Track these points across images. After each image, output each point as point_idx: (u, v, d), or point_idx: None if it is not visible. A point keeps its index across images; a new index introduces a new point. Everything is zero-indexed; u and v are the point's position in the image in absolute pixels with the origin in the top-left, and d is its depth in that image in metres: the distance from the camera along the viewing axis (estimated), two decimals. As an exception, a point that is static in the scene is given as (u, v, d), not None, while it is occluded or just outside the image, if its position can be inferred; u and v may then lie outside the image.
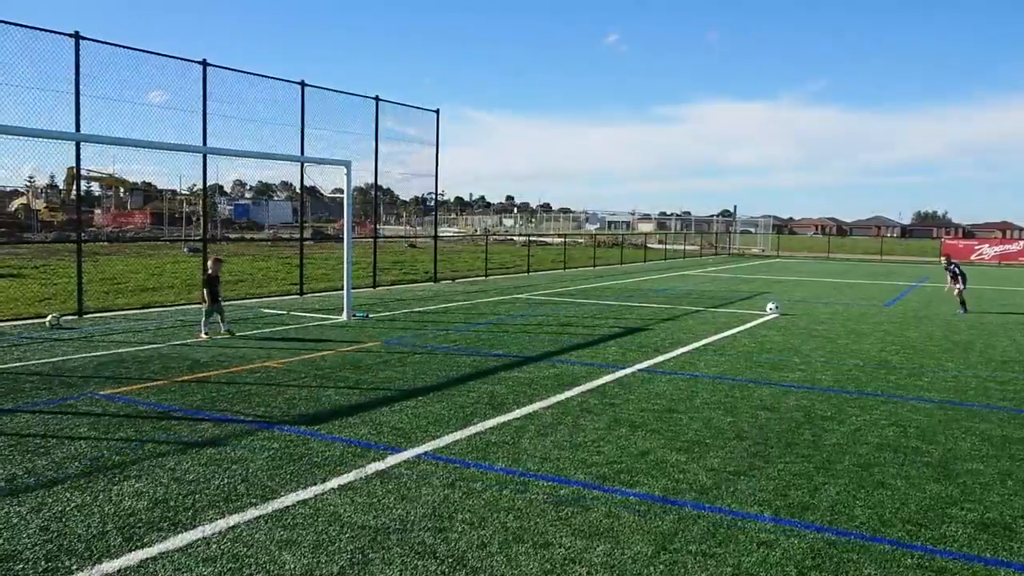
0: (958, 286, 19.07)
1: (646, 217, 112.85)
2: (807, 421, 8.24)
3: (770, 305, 18.25)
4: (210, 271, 13.45)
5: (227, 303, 17.44)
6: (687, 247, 55.88)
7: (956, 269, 19.46)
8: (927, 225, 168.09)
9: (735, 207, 70.11)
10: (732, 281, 28.84)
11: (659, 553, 4.92)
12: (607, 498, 5.83)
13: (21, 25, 13.85)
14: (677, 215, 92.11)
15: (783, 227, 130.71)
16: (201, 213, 23.33)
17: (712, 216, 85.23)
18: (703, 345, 13.14)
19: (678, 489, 6.07)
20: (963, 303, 18.94)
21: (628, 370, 10.76)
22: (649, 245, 53.84)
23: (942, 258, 20.74)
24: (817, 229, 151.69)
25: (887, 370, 11.26)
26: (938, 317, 17.96)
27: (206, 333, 12.83)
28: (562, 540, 5.06)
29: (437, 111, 24.76)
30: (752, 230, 73.53)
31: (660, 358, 11.77)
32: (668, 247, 54.97)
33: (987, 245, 50.58)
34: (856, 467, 6.74)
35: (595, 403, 8.80)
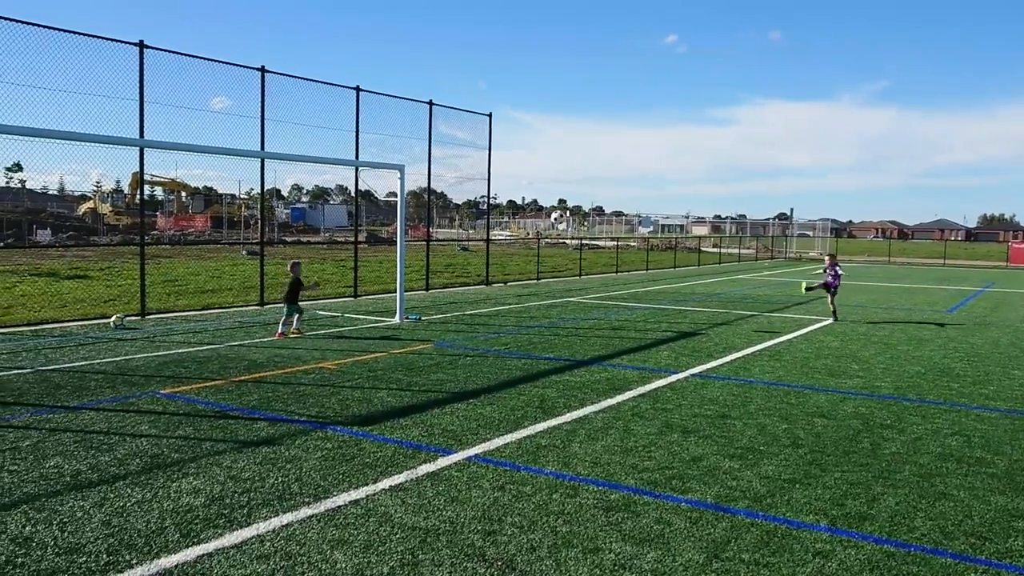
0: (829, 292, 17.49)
1: (700, 220, 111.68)
2: (865, 429, 8.05)
3: (806, 283, 18.02)
4: (290, 274, 13.90)
5: (280, 305, 17.78)
6: (742, 251, 55.08)
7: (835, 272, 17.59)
8: (993, 228, 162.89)
9: (791, 210, 69.03)
10: (789, 286, 28.32)
11: (711, 561, 4.84)
12: (658, 504, 5.77)
13: (89, 35, 14.35)
14: (732, 218, 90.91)
15: (842, 231, 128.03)
16: (259, 217, 23.79)
17: (768, 219, 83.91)
18: (758, 350, 12.93)
19: (731, 496, 5.97)
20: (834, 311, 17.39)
21: (681, 375, 10.64)
22: (703, 249, 53.20)
23: (826, 257, 18.61)
24: (877, 232, 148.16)
25: (950, 377, 10.93)
26: (1005, 323, 17.37)
27: (297, 330, 13.45)
28: (612, 546, 5.03)
29: (490, 115, 24.88)
30: (809, 234, 72.18)
31: (713, 363, 11.62)
32: (723, 251, 54.26)
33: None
34: (917, 477, 6.55)
35: (647, 408, 8.72)
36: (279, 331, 13.36)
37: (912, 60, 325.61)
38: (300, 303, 13.87)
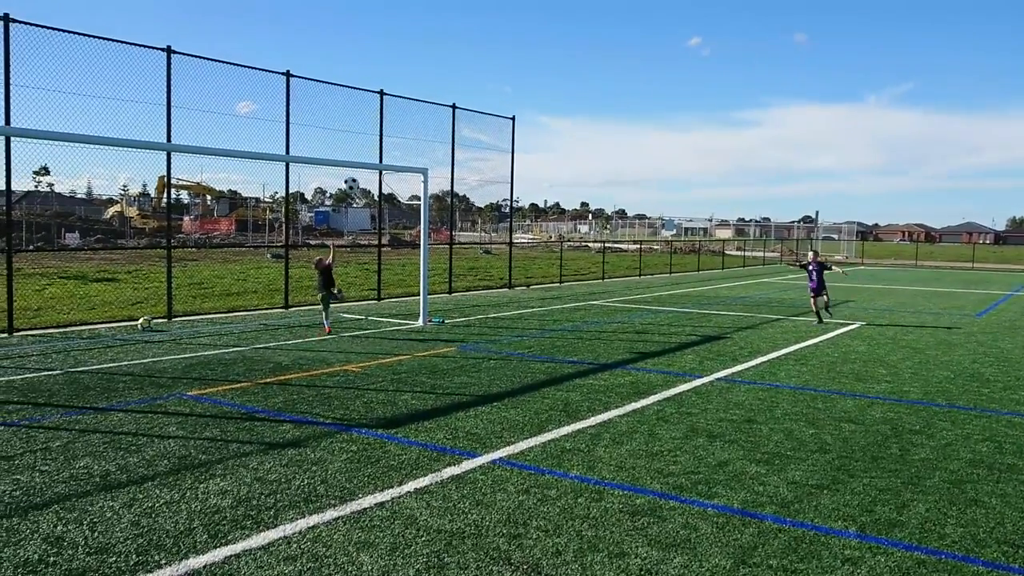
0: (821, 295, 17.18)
1: (724, 223, 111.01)
2: (894, 435, 7.95)
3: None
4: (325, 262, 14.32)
5: (307, 308, 17.89)
6: (767, 254, 54.67)
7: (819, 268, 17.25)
8: (1022, 232, 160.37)
9: (816, 213, 68.39)
10: (813, 289, 28.05)
11: (738, 567, 4.80)
12: (684, 509, 5.74)
13: (117, 40, 14.54)
14: (756, 221, 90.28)
15: (867, 234, 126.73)
16: (284, 220, 23.96)
17: (793, 222, 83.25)
18: (783, 354, 12.82)
19: (758, 502, 5.92)
20: (818, 313, 17.18)
21: (705, 379, 10.57)
22: (727, 252, 52.87)
23: (809, 253, 18.28)
24: (904, 236, 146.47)
25: (980, 383, 10.77)
26: (1036, 328, 17.10)
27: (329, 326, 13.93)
28: (638, 550, 5.00)
29: (513, 118, 24.89)
30: (835, 237, 71.51)
31: (738, 367, 11.54)
32: (747, 254, 53.89)
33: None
34: (947, 484, 6.46)
35: (671, 412, 8.67)
36: (326, 326, 14.04)
37: (939, 61, 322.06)
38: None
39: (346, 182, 7.94)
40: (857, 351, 13.32)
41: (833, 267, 18.80)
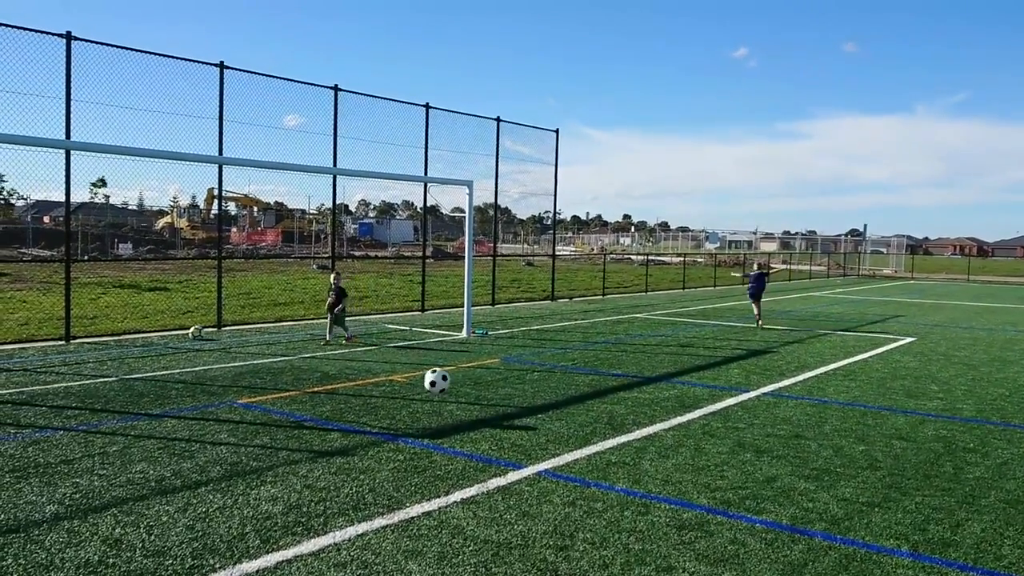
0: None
1: (769, 236, 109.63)
2: (947, 452, 7.79)
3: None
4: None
5: (353, 318, 18.10)
6: (813, 267, 53.88)
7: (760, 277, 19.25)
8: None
9: (865, 226, 66.93)
10: (862, 303, 27.60)
11: (788, 584, 4.75)
12: (732, 524, 5.69)
13: (171, 56, 14.94)
14: (802, 234, 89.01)
15: (917, 247, 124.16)
16: (330, 232, 24.30)
17: (840, 235, 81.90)
18: (831, 369, 12.63)
19: (807, 518, 5.85)
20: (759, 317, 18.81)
21: (752, 393, 10.47)
22: (773, 265, 52.20)
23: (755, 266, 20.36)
24: (955, 250, 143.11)
25: (1037, 401, 10.50)
26: (1095, 345, 16.59)
27: (350, 338, 14.07)
28: (686, 565, 4.98)
29: (556, 131, 24.98)
30: (883, 250, 70.15)
31: (786, 382, 11.40)
32: (793, 267, 53.16)
33: None
34: (1003, 503, 6.31)
35: (718, 426, 8.60)
36: (346, 336, 14.20)
37: (993, 71, 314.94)
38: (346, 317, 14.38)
39: (433, 383, 7.90)
40: (908, 367, 13.07)
41: (770, 272, 21.72)
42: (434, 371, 9.38)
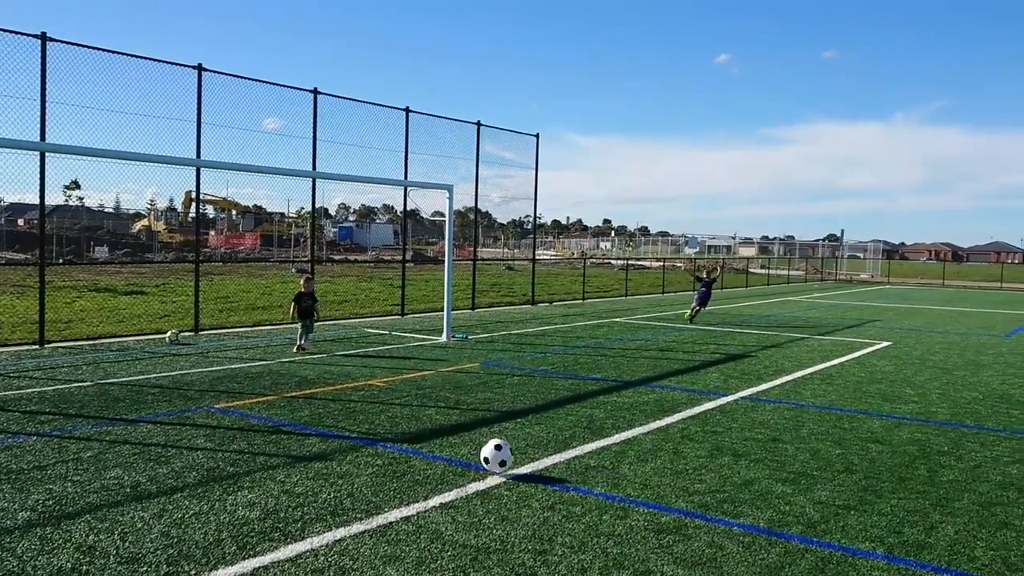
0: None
1: (747, 241, 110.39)
2: (922, 455, 7.87)
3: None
4: (302, 288, 14.03)
5: (332, 322, 18.02)
6: (791, 272, 54.32)
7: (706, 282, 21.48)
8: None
9: (842, 231, 67.78)
10: (839, 308, 27.86)
11: (765, 586, 4.78)
12: (710, 528, 5.72)
13: (148, 58, 14.81)
14: (780, 239, 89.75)
15: (894, 252, 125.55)
16: (309, 235, 24.18)
17: (817, 240, 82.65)
18: (809, 374, 12.74)
19: (784, 521, 5.89)
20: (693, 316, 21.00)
21: (730, 397, 10.53)
22: (751, 270, 52.58)
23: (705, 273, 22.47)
24: (931, 255, 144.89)
25: (1009, 404, 10.64)
26: (1066, 349, 16.85)
27: (302, 347, 13.49)
28: (664, 568, 4.99)
29: (537, 135, 25.03)
30: (860, 255, 70.88)
31: (764, 386, 11.48)
32: (771, 272, 53.57)
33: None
34: (976, 506, 6.39)
35: (696, 430, 8.64)
36: (305, 345, 13.72)
37: (969, 79, 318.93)
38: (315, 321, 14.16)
39: (488, 461, 6.66)
40: (884, 371, 13.21)
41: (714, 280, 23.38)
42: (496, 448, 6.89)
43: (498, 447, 6.76)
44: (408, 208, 21.67)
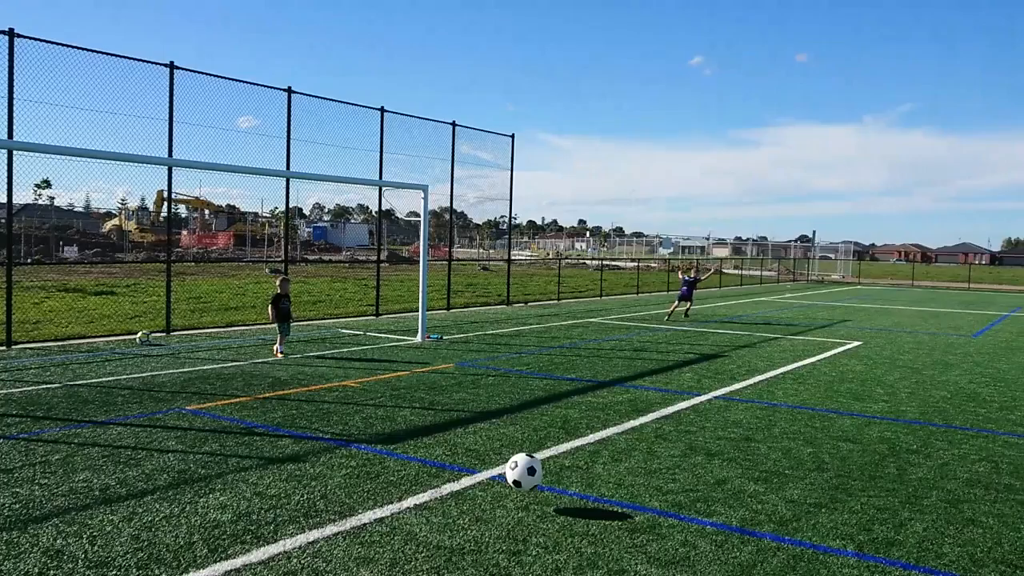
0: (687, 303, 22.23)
1: (721, 242, 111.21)
2: (891, 454, 7.98)
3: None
4: (278, 290, 13.85)
5: (306, 323, 17.91)
6: (764, 273, 54.80)
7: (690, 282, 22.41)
8: (1019, 252, 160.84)
9: (814, 232, 68.36)
10: (811, 308, 28.15)
11: (737, 585, 4.81)
12: (683, 526, 5.75)
13: (120, 56, 14.62)
14: (753, 240, 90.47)
15: (864, 253, 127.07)
16: (283, 235, 24.01)
17: (790, 241, 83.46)
18: (781, 373, 12.86)
19: (756, 520, 5.94)
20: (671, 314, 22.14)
21: (703, 397, 10.60)
22: (724, 271, 52.96)
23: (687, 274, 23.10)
24: (900, 256, 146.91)
25: (977, 403, 10.81)
26: (1032, 349, 17.15)
27: (281, 352, 13.18)
28: (637, 568, 5.01)
29: (512, 136, 25.03)
30: (831, 256, 71.67)
31: (736, 385, 11.57)
32: (744, 273, 54.00)
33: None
34: (944, 503, 6.49)
35: (670, 430, 8.69)
36: (281, 348, 13.31)
37: (936, 83, 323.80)
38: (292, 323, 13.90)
39: (519, 484, 5.73)
40: (854, 370, 13.36)
41: (703, 277, 25.27)
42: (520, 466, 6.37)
43: (531, 470, 6.17)
44: (383, 208, 21.58)
